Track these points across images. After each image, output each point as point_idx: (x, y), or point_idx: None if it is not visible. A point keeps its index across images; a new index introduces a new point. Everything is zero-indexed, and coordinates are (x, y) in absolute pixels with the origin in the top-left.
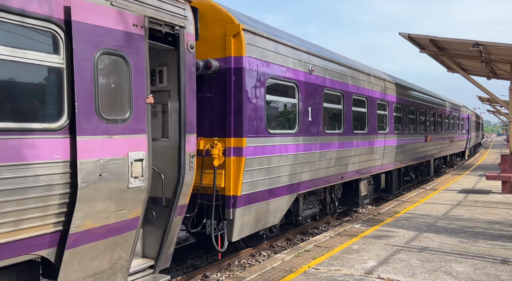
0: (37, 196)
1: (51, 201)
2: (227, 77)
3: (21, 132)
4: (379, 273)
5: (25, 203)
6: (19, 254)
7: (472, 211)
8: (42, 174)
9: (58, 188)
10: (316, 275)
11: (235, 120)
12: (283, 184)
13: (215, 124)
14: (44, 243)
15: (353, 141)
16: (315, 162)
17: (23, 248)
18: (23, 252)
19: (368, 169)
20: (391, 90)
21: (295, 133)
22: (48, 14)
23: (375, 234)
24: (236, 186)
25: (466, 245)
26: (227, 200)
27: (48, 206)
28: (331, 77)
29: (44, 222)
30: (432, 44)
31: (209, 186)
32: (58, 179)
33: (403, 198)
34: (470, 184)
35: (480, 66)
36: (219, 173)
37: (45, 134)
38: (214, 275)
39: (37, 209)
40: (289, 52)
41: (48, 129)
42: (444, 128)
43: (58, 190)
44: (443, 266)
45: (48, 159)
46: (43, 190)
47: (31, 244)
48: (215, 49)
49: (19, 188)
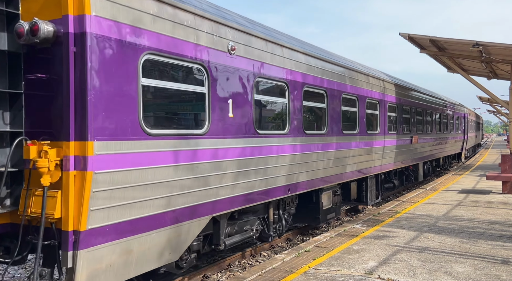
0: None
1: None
2: (64, 48)
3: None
4: (380, 274)
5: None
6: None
7: (472, 211)
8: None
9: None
10: (316, 276)
11: (76, 113)
12: (179, 206)
13: (48, 120)
14: None
15: (305, 144)
16: (240, 174)
17: None
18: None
19: (333, 177)
20: (364, 83)
21: (203, 134)
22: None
23: (376, 235)
24: (78, 216)
25: (467, 245)
26: (64, 237)
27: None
28: (267, 61)
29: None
30: (432, 44)
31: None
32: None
33: (404, 198)
34: (470, 184)
35: (480, 66)
36: (51, 196)
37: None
38: (215, 276)
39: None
40: (187, 19)
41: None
42: (435, 128)
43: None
44: (443, 267)
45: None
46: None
47: None
48: (49, 7)
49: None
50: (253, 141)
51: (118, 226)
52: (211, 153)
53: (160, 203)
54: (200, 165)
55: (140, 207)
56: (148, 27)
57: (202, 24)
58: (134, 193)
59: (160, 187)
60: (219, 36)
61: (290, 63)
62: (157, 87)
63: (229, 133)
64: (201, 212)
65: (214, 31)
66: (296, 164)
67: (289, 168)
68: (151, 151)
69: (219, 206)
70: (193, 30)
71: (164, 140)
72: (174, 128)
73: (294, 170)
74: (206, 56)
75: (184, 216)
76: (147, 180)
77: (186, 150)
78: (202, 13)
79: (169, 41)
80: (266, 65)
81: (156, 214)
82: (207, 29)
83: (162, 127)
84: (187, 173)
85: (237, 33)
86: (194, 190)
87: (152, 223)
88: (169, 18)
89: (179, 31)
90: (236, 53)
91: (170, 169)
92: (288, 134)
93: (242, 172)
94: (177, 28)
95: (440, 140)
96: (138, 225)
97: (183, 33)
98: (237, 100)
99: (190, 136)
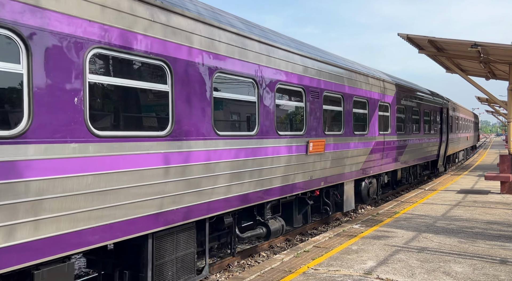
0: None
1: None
2: None
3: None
4: (378, 274)
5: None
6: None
7: (471, 211)
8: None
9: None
10: (315, 276)
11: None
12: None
13: None
14: None
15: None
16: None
17: None
18: None
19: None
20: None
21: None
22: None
23: (374, 235)
24: None
25: (465, 245)
26: None
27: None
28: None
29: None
30: (431, 44)
31: None
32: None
33: (402, 199)
34: (469, 184)
35: (479, 67)
36: None
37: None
38: (214, 276)
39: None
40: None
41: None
42: (375, 127)
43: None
44: (442, 266)
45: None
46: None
47: None
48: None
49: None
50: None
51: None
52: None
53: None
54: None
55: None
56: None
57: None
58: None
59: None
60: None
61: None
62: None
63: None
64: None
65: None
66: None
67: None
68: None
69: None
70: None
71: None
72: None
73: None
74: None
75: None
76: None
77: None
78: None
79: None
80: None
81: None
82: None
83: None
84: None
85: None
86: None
87: None
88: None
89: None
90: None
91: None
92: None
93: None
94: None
95: (384, 145)
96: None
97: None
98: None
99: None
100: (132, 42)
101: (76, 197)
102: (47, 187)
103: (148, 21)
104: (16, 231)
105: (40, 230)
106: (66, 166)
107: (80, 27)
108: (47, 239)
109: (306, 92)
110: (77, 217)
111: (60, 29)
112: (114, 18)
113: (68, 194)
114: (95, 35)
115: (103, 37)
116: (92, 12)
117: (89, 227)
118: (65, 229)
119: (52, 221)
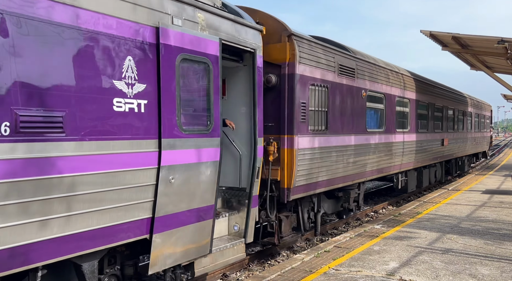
0: None
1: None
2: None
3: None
4: (401, 275)
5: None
6: None
7: (497, 212)
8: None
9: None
10: (336, 276)
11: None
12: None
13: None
14: None
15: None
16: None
17: None
18: None
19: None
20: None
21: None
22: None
23: (396, 235)
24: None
25: (492, 247)
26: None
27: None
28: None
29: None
30: (455, 41)
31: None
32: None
33: (425, 199)
34: (494, 184)
35: (506, 64)
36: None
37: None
38: (234, 275)
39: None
40: None
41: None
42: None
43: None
44: (467, 269)
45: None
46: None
47: None
48: None
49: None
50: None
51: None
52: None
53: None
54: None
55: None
56: None
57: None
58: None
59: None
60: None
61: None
62: None
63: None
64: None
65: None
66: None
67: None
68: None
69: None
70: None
71: None
72: None
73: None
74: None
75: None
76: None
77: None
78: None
79: None
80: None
81: None
82: None
83: None
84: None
85: None
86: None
87: None
88: None
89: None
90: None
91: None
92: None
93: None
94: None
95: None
96: None
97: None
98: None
99: None
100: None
101: None
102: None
103: None
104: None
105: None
106: None
107: None
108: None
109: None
110: None
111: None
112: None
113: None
114: None
115: None
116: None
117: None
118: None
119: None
